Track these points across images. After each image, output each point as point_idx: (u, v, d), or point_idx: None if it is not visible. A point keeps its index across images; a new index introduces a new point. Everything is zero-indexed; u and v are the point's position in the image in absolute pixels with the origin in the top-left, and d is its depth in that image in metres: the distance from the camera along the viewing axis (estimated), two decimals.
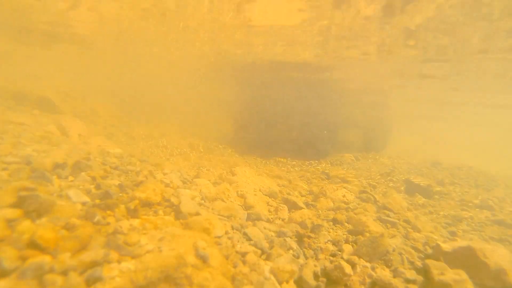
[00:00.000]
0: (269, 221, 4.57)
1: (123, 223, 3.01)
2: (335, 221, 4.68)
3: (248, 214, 4.48)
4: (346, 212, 5.11)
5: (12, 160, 3.93)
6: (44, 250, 2.37)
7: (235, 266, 3.00)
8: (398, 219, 5.00)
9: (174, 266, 2.43)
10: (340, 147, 14.52)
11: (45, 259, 2.26)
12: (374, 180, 8.70)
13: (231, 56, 12.58)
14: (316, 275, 3.20)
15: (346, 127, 15.66)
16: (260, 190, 5.89)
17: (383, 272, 3.35)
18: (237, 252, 3.27)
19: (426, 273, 3.35)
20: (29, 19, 10.98)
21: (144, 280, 2.27)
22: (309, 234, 4.12)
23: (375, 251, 3.58)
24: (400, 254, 3.74)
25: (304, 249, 3.77)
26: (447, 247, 3.66)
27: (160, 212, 3.66)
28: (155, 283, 2.27)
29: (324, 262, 3.44)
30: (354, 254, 3.61)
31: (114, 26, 10.44)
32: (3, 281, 2.08)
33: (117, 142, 8.82)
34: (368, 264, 3.41)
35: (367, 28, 7.84)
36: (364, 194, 6.32)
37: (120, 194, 3.74)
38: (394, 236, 4.33)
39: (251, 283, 2.79)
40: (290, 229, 4.15)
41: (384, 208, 5.54)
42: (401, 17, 6.83)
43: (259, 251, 3.44)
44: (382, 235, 3.72)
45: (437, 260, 3.54)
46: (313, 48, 10.17)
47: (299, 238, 3.98)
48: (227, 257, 3.12)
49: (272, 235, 3.95)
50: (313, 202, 5.79)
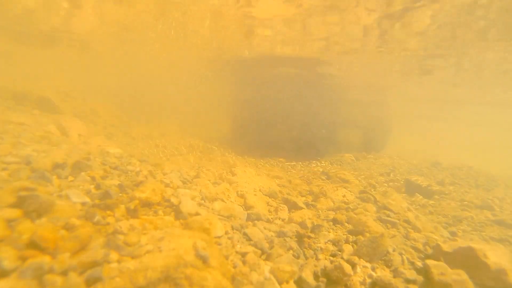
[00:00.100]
0: (269, 221, 4.56)
1: (123, 223, 3.01)
2: (335, 221, 4.67)
3: (248, 214, 4.48)
4: (346, 212, 5.10)
5: (12, 160, 3.93)
6: (44, 250, 2.37)
7: (235, 266, 3.00)
8: (398, 219, 4.99)
9: (174, 266, 2.43)
10: (340, 147, 14.52)
11: (45, 259, 2.26)
12: (374, 180, 8.70)
13: (231, 52, 12.53)
14: (316, 275, 3.20)
15: (346, 127, 15.66)
16: (260, 190, 5.88)
17: (383, 272, 3.35)
18: (237, 252, 3.27)
19: (426, 273, 3.35)
20: (31, 24, 11.01)
21: (144, 280, 2.27)
22: (309, 234, 4.11)
23: (375, 251, 3.58)
24: (400, 254, 3.73)
25: (304, 249, 3.76)
26: (447, 247, 3.66)
27: (160, 212, 3.66)
28: (155, 283, 2.27)
29: (324, 262, 3.44)
30: (354, 254, 3.60)
31: (114, 27, 10.45)
32: (3, 281, 2.08)
33: (117, 142, 8.82)
34: (368, 264, 3.41)
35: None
36: (364, 194, 6.31)
37: (120, 194, 3.74)
38: (394, 236, 4.33)
39: (251, 283, 2.79)
40: (290, 229, 4.14)
41: (384, 208, 5.53)
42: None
43: (259, 251, 3.44)
44: (382, 235, 3.72)
45: (437, 260, 3.54)
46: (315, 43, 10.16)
47: (299, 238, 3.98)
48: (227, 257, 3.12)
49: (272, 235, 3.95)
50: (313, 202, 5.78)
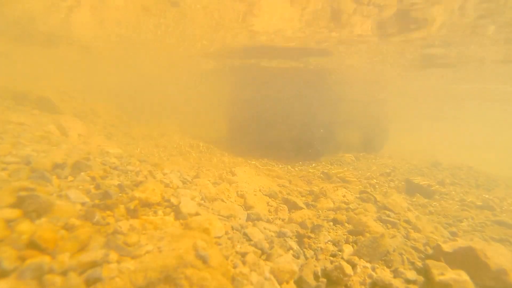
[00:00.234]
0: (269, 221, 4.56)
1: (123, 223, 3.00)
2: (335, 221, 4.66)
3: (248, 214, 4.47)
4: (347, 212, 5.10)
5: (12, 160, 3.92)
6: (44, 251, 2.37)
7: (235, 267, 2.99)
8: (399, 219, 4.98)
9: (174, 267, 2.42)
10: (340, 147, 14.53)
11: (45, 260, 2.26)
12: (375, 180, 8.69)
13: (232, 52, 12.50)
14: (316, 276, 3.20)
15: (346, 127, 15.66)
16: (260, 190, 5.88)
17: (384, 273, 3.34)
18: (237, 253, 3.26)
19: (427, 274, 3.34)
20: (32, 26, 10.99)
21: (144, 281, 2.26)
22: (309, 235, 4.11)
23: (376, 252, 3.57)
24: (401, 255, 3.73)
25: (304, 250, 3.76)
26: (448, 248, 3.65)
27: (160, 212, 3.65)
28: (155, 284, 2.27)
29: (324, 263, 3.43)
30: (355, 255, 3.60)
31: (114, 27, 10.44)
32: (3, 282, 2.07)
33: (117, 142, 8.82)
34: (369, 265, 3.41)
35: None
36: (365, 194, 6.30)
37: (120, 194, 3.73)
38: (395, 237, 4.32)
39: (251, 284, 2.78)
40: (290, 229, 4.14)
41: (385, 208, 5.52)
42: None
43: (259, 252, 3.43)
44: (383, 236, 3.71)
45: (438, 261, 3.53)
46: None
47: (299, 239, 3.97)
48: (227, 258, 3.12)
49: (272, 235, 3.94)
50: (313, 202, 5.78)
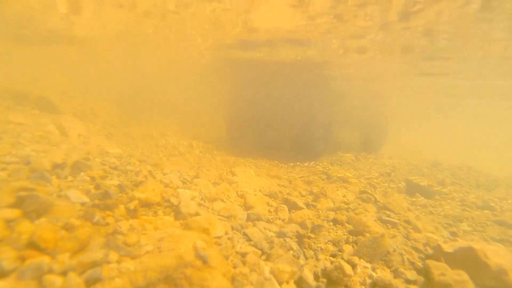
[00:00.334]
0: (269, 222, 4.55)
1: (123, 224, 3.00)
2: (336, 222, 4.66)
3: (248, 215, 4.47)
4: (347, 212, 5.09)
5: (11, 160, 3.92)
6: (43, 251, 2.36)
7: (235, 267, 2.99)
8: (399, 220, 4.98)
9: (174, 267, 2.42)
10: (340, 147, 14.53)
11: (44, 260, 2.25)
12: (375, 180, 8.69)
13: (231, 54, 12.52)
14: (316, 276, 3.19)
15: (345, 127, 15.67)
16: (260, 190, 5.87)
17: (384, 273, 3.34)
18: (237, 253, 3.26)
19: (427, 274, 3.34)
20: (31, 26, 10.97)
21: (144, 281, 2.26)
22: (309, 235, 4.10)
23: (376, 252, 3.57)
24: (401, 255, 3.72)
25: (304, 250, 3.76)
26: (448, 248, 3.65)
27: (160, 213, 3.65)
28: (155, 284, 2.26)
29: (325, 263, 3.43)
30: (355, 255, 3.59)
31: (115, 29, 10.43)
32: (3, 282, 2.07)
33: (117, 142, 8.81)
34: (369, 265, 3.40)
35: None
36: (365, 194, 6.30)
37: (120, 194, 3.73)
38: (395, 237, 4.32)
39: (251, 284, 2.78)
40: (290, 230, 4.14)
41: (385, 209, 5.52)
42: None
43: (259, 252, 3.43)
44: (383, 236, 3.71)
45: (438, 261, 3.53)
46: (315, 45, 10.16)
47: (299, 239, 3.97)
48: (227, 258, 3.11)
49: (272, 236, 3.94)
50: (313, 202, 5.77)
